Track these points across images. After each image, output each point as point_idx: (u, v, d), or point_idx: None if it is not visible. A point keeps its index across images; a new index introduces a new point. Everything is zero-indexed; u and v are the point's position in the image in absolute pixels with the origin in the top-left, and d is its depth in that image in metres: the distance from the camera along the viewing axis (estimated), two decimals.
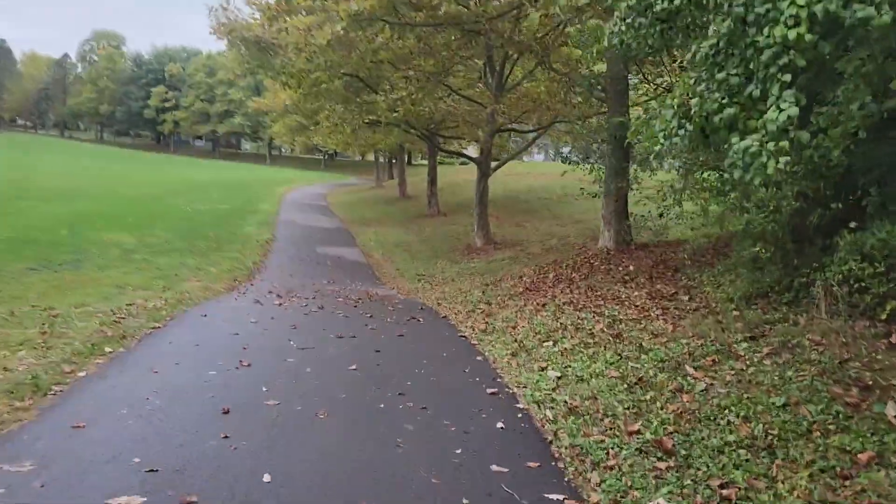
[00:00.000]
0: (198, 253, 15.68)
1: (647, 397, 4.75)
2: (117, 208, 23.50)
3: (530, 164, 43.10)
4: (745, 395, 4.35)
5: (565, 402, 4.98)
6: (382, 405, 5.09)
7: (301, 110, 18.50)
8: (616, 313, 7.02)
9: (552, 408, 4.94)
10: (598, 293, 8.00)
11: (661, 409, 4.51)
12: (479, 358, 6.75)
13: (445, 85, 16.63)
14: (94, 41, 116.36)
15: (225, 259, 14.98)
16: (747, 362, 4.86)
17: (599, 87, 10.77)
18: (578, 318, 7.18)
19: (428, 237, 20.83)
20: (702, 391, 4.60)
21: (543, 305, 8.04)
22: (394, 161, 57.92)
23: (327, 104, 17.75)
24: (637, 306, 7.03)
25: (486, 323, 8.12)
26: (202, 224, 21.21)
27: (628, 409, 4.64)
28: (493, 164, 18.38)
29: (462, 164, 70.95)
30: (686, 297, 6.70)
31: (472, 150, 32.02)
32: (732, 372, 4.77)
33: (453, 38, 12.85)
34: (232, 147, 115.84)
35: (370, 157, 64.12)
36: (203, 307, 9.03)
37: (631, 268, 8.46)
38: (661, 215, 8.75)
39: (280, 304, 9.47)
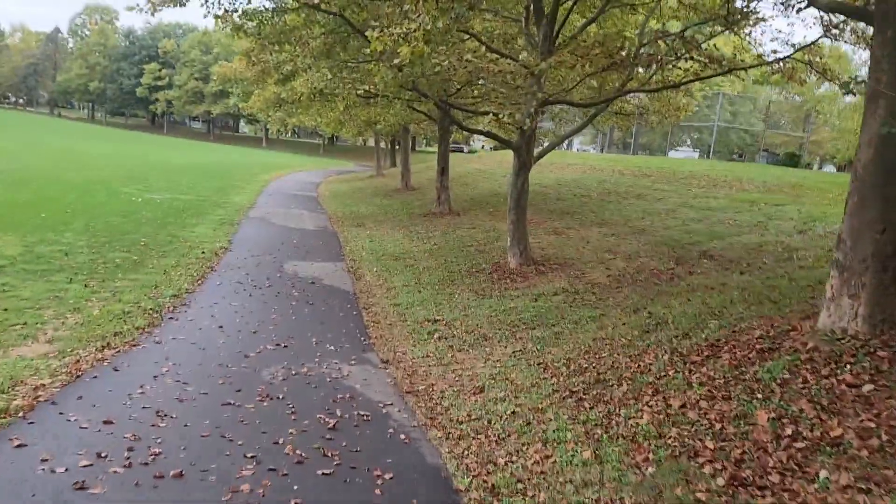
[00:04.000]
0: (101, 273, 10.54)
1: None
2: (41, 198, 18.35)
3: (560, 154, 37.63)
4: None
5: None
6: None
7: (258, 63, 13.38)
8: None
9: None
10: None
11: None
12: None
13: (471, 35, 11.39)
14: (86, 15, 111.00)
15: (134, 287, 9.82)
16: None
17: None
18: None
19: (439, 246, 15.62)
20: None
21: None
22: (397, 146, 52.84)
23: (300, 59, 12.53)
24: None
25: None
26: (142, 222, 16.06)
27: None
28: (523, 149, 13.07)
29: (471, 151, 65.48)
30: None
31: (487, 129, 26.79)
32: None
33: None
34: (229, 129, 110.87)
35: (372, 142, 59.15)
36: None
37: None
38: None
39: None
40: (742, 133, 57.57)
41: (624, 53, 9.33)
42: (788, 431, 3.84)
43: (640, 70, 12.31)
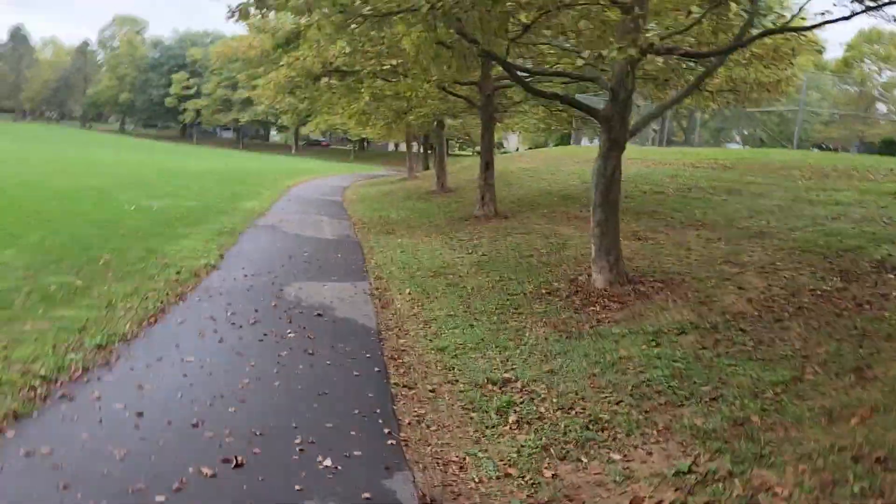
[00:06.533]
0: (15, 307, 7.29)
1: None
2: (10, 206, 15.38)
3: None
4: None
5: None
6: None
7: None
8: None
9: None
10: None
11: None
12: None
13: None
14: (116, 26, 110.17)
15: (48, 331, 6.50)
16: None
17: None
18: None
19: (489, 258, 12.13)
20: None
21: None
22: (429, 151, 49.76)
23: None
24: None
25: None
26: (119, 234, 12.88)
27: None
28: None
29: (503, 153, 61.71)
30: None
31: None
32: None
33: None
34: (259, 138, 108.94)
35: (403, 146, 56.29)
36: None
37: None
38: None
39: None
40: (805, 121, 53.05)
41: None
42: None
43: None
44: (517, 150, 71.56)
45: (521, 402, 5.32)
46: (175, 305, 8.09)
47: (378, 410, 5.16)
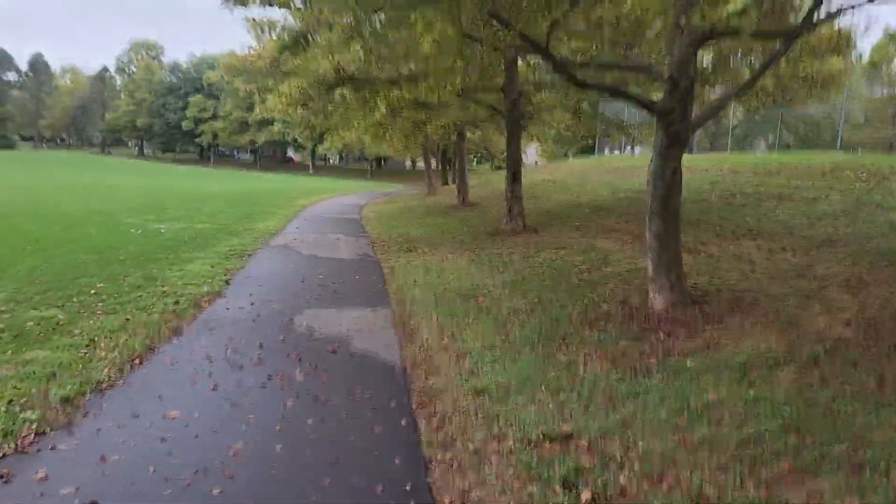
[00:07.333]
0: None
1: None
2: (10, 232, 14.51)
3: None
4: None
5: None
6: None
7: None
8: None
9: None
10: None
11: None
12: None
13: None
14: (133, 51, 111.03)
15: (9, 381, 5.44)
16: None
17: None
18: None
19: (523, 277, 10.92)
20: None
21: None
22: (447, 167, 48.93)
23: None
24: None
25: None
26: (118, 260, 11.88)
27: None
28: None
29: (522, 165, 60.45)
30: None
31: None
32: None
33: None
34: (277, 158, 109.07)
35: (421, 164, 55.43)
36: None
37: None
38: None
39: None
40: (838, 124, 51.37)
41: None
42: None
43: None
44: (535, 163, 70.24)
45: (592, 469, 4.10)
46: (167, 343, 6.98)
47: (408, 486, 3.95)
